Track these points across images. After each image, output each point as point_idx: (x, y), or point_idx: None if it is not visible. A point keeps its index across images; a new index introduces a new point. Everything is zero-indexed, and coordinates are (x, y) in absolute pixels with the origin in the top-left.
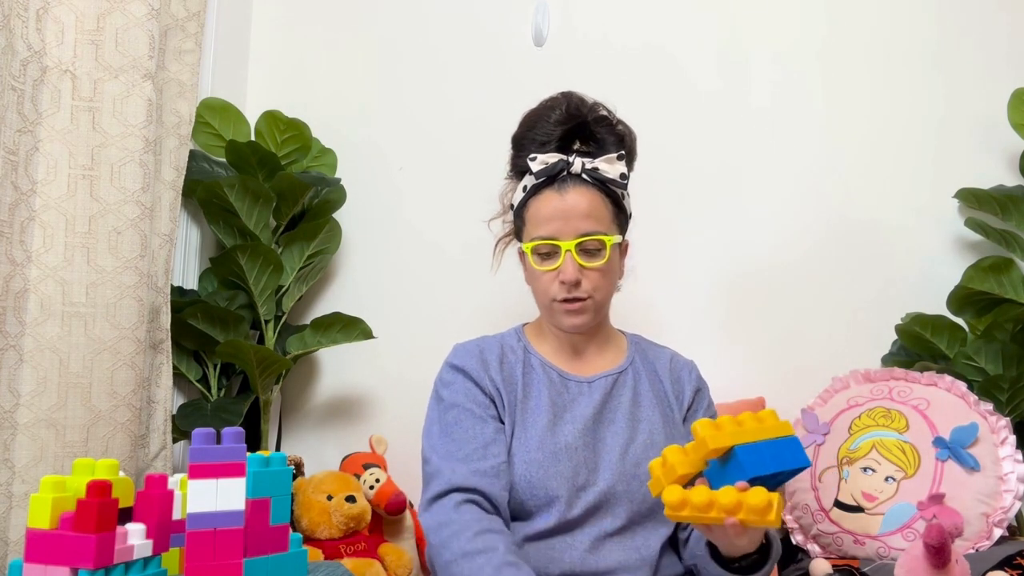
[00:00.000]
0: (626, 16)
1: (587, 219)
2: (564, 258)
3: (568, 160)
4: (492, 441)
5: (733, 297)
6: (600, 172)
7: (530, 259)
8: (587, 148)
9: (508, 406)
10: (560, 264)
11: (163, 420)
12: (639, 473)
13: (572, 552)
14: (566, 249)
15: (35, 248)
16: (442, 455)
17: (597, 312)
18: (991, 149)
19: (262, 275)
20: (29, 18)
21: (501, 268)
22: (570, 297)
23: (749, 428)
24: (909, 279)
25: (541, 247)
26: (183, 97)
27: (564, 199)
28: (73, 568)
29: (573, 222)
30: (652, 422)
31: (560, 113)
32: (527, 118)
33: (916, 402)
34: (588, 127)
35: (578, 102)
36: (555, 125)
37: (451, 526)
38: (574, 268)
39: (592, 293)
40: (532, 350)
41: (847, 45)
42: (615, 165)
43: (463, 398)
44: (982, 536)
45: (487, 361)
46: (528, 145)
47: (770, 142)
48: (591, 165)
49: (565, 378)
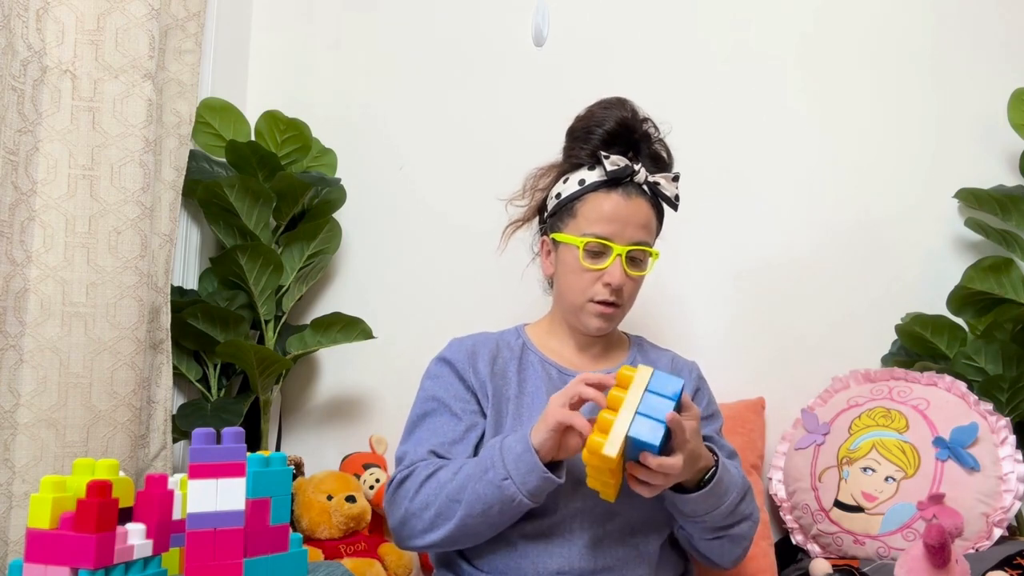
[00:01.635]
0: (626, 16)
1: (642, 229)
2: (614, 261)
3: (635, 168)
4: (460, 440)
5: (733, 297)
6: (661, 188)
7: (579, 255)
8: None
9: (495, 400)
10: (608, 266)
11: (163, 420)
12: None
13: (570, 548)
14: (617, 253)
15: (35, 248)
16: (411, 442)
17: (621, 319)
18: (991, 149)
19: (262, 275)
20: (29, 18)
21: (504, 264)
22: (609, 300)
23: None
24: (909, 279)
25: (594, 245)
26: (183, 97)
27: (628, 205)
28: (73, 568)
29: (631, 229)
30: None
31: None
32: (586, 115)
33: (916, 402)
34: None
35: (632, 112)
36: (611, 132)
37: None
38: (622, 273)
39: (626, 301)
40: (531, 347)
41: (847, 45)
42: (672, 185)
43: (444, 392)
44: (982, 536)
45: (477, 355)
46: (588, 140)
47: (770, 143)
48: (653, 179)
49: (564, 374)
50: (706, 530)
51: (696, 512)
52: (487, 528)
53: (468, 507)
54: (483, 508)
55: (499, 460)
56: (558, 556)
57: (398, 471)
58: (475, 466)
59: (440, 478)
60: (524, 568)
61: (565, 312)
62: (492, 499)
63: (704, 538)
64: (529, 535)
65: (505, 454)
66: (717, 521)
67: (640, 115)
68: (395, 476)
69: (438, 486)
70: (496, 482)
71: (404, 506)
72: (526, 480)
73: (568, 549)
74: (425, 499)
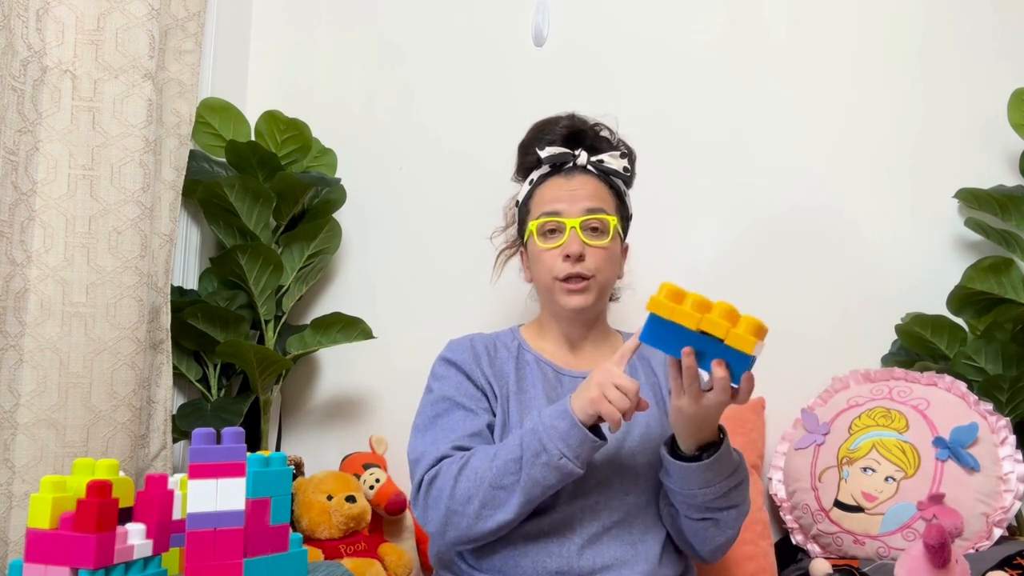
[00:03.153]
0: (626, 15)
1: (592, 198)
2: (568, 234)
3: (574, 153)
4: (478, 432)
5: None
6: (605, 164)
7: (535, 239)
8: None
9: (500, 399)
10: (565, 240)
11: (163, 420)
12: (636, 466)
13: (569, 547)
14: (571, 226)
15: (35, 248)
16: (428, 441)
17: (599, 295)
18: (991, 149)
19: (262, 275)
20: (29, 18)
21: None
22: (573, 273)
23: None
24: (909, 279)
25: (547, 224)
26: (183, 97)
27: (570, 183)
28: (73, 568)
29: (579, 202)
30: (648, 415)
31: (567, 124)
32: (534, 126)
33: (916, 402)
34: (593, 134)
35: (581, 121)
36: (562, 128)
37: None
38: (579, 242)
39: (595, 272)
40: (527, 347)
41: (847, 45)
42: (619, 160)
43: (454, 391)
44: (982, 536)
45: (478, 354)
46: (535, 145)
47: (769, 142)
48: (596, 157)
49: (560, 373)
50: (694, 507)
51: (689, 484)
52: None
53: (526, 492)
54: (543, 490)
55: (548, 441)
56: (557, 556)
57: (422, 471)
58: (515, 450)
59: (476, 468)
60: (523, 567)
61: (546, 303)
62: (552, 479)
63: (690, 516)
64: (530, 534)
65: (550, 434)
66: (708, 499)
67: (590, 120)
68: (422, 477)
69: (476, 477)
70: (553, 463)
71: (444, 504)
72: (579, 453)
73: (567, 548)
74: (466, 492)
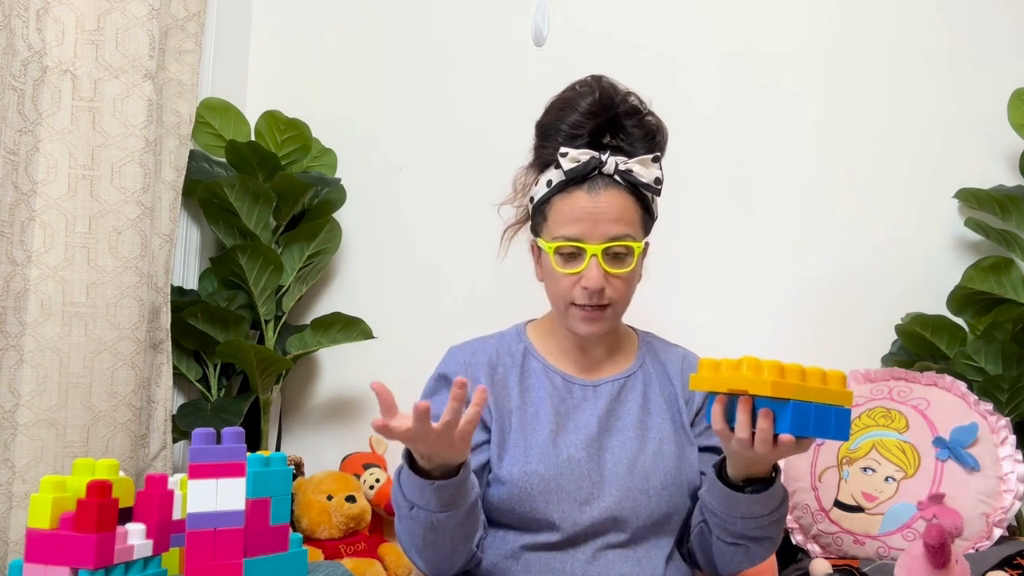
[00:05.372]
0: (626, 15)
1: (617, 223)
2: (589, 263)
3: (601, 159)
4: None
5: (733, 296)
6: (634, 175)
7: (551, 259)
8: (618, 143)
9: (497, 413)
10: (584, 268)
11: (163, 420)
12: (648, 488)
13: (573, 563)
14: (592, 253)
15: (35, 248)
16: None
17: (615, 320)
18: (991, 149)
19: (262, 275)
20: (29, 18)
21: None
22: (591, 304)
23: (812, 387)
24: (909, 279)
25: (565, 248)
26: (183, 97)
27: (595, 201)
28: (73, 568)
29: (602, 226)
30: (662, 431)
31: (591, 102)
32: (555, 104)
33: (916, 402)
34: (619, 120)
35: (610, 90)
36: (585, 116)
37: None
38: (599, 275)
39: (614, 301)
40: (533, 352)
41: (847, 45)
42: (650, 168)
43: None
44: (982, 536)
45: (476, 368)
46: (555, 135)
47: (770, 143)
48: (624, 167)
49: (569, 382)
50: (730, 532)
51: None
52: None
53: (412, 543)
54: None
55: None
56: (560, 571)
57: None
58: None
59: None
60: None
61: (556, 316)
62: (417, 529)
63: (723, 539)
64: (533, 547)
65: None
66: (747, 529)
67: (621, 89)
68: None
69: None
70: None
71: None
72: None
73: (572, 564)
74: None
